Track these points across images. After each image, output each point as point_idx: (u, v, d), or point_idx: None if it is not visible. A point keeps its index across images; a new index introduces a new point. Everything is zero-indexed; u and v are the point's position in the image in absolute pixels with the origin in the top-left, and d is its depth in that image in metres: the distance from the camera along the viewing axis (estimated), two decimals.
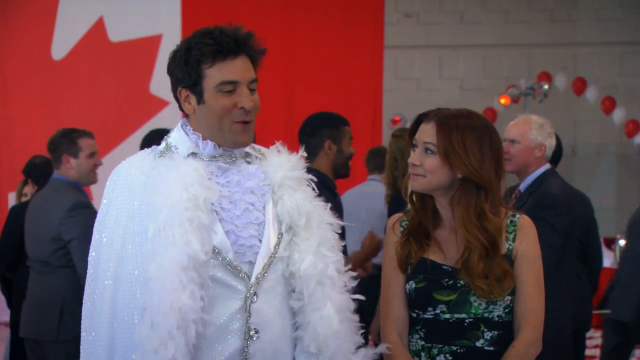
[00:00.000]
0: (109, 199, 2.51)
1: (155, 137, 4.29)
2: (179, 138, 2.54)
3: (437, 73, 13.59)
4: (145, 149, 2.59)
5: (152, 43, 10.44)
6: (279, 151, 2.63)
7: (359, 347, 2.56)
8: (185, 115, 2.58)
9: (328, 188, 4.26)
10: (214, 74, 2.46)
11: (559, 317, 4.23)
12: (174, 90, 2.53)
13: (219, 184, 2.49)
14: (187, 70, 2.46)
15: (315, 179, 2.66)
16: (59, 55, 10.41)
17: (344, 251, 2.68)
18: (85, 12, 10.42)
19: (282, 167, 2.58)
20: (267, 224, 2.52)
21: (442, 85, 13.45)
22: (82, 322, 2.50)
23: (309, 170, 4.33)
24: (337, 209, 4.27)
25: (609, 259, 11.21)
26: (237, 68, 2.47)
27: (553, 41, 13.28)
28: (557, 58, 13.21)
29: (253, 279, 2.47)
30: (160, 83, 10.43)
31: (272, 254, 2.51)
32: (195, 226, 2.38)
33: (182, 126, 2.56)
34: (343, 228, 2.70)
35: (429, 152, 2.74)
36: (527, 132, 4.49)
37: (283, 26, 10.39)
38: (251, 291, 2.46)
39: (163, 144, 2.56)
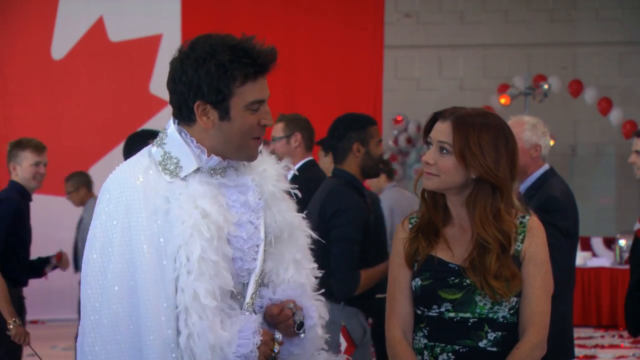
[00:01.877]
0: (109, 217, 2.39)
1: (137, 143, 4.11)
2: (179, 147, 2.45)
3: (437, 73, 13.60)
4: (137, 156, 2.48)
5: (152, 43, 10.45)
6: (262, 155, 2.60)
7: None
8: (177, 122, 2.48)
9: (356, 189, 4.28)
10: (245, 93, 2.42)
11: (561, 317, 4.24)
12: (189, 101, 2.42)
13: (227, 206, 2.47)
14: (216, 87, 2.39)
15: (299, 193, 2.62)
16: (58, 55, 10.41)
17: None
18: (85, 12, 10.43)
19: (271, 178, 2.55)
20: (262, 243, 2.52)
21: (441, 85, 13.45)
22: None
23: (338, 172, 4.37)
24: (364, 210, 4.28)
25: (608, 259, 11.21)
26: (263, 87, 2.46)
27: (553, 41, 13.29)
28: (557, 58, 13.22)
29: (248, 299, 2.48)
30: (160, 83, 10.41)
31: (262, 271, 2.52)
32: (223, 258, 2.39)
33: (180, 134, 2.47)
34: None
35: (444, 151, 2.72)
36: (520, 134, 4.46)
37: (283, 26, 10.39)
38: (246, 309, 2.47)
39: (159, 151, 2.45)
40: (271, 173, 2.56)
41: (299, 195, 2.61)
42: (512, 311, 2.72)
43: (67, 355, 8.62)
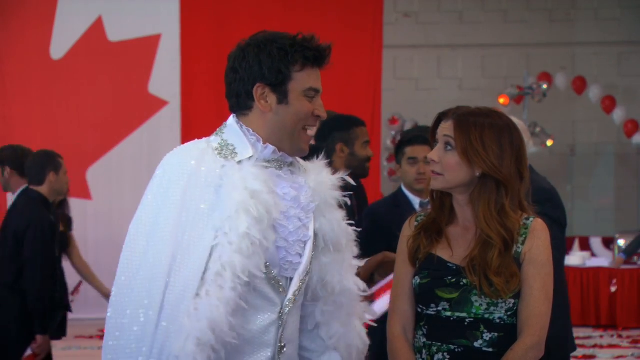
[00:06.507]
0: (160, 194, 2.46)
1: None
2: (236, 136, 2.54)
3: (436, 73, 13.60)
4: (195, 141, 2.56)
5: (151, 43, 10.45)
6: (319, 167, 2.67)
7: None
8: (235, 116, 2.58)
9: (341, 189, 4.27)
10: (304, 79, 2.51)
11: (560, 315, 4.24)
12: (249, 84, 2.51)
13: (278, 196, 2.52)
14: (277, 68, 2.49)
15: (349, 202, 2.68)
16: (58, 55, 10.42)
17: None
18: (84, 11, 10.43)
19: (325, 185, 2.62)
20: (309, 241, 2.57)
21: (441, 85, 13.45)
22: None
23: None
24: (348, 211, 4.26)
25: (607, 259, 11.21)
26: (319, 78, 2.56)
27: (552, 41, 13.29)
28: (556, 58, 13.22)
29: (290, 295, 2.52)
30: (159, 83, 10.44)
31: (308, 270, 2.57)
32: (260, 242, 2.42)
33: (237, 123, 2.56)
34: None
35: (448, 147, 2.74)
36: None
37: (282, 26, 10.37)
38: (288, 306, 2.52)
39: (217, 139, 2.55)
40: (326, 181, 2.62)
41: (349, 204, 2.68)
42: (509, 313, 2.71)
43: (66, 355, 8.62)
